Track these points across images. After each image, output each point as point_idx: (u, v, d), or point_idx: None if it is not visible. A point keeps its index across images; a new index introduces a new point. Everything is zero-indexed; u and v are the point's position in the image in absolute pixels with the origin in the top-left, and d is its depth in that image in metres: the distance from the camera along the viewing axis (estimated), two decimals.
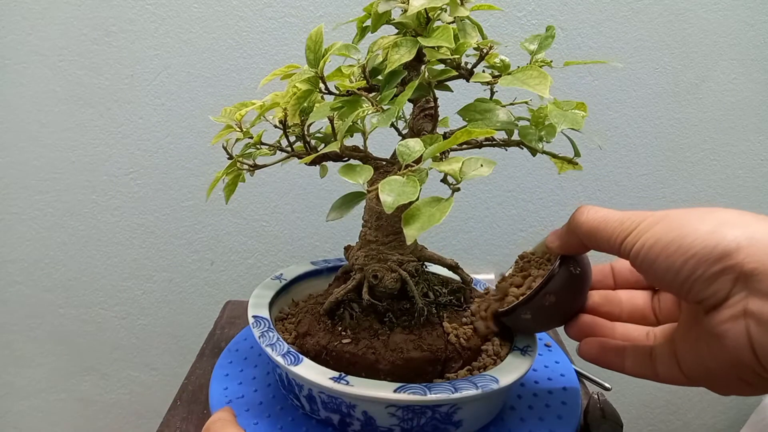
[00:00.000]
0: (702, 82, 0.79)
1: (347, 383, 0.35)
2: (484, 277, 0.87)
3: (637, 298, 0.40)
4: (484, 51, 0.35)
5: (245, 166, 0.41)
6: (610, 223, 0.33)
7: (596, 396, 0.47)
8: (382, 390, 0.35)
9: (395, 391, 0.35)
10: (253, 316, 0.43)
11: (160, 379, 0.94)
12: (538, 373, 0.49)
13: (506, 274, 0.42)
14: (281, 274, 0.50)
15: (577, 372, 0.50)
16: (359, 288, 0.42)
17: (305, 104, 0.37)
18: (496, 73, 0.37)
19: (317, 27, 0.34)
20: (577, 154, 0.36)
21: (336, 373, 0.37)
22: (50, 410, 0.96)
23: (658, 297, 0.39)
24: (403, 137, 0.40)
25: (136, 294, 0.88)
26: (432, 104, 0.40)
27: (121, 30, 0.74)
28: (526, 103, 0.42)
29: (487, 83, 0.36)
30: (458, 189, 0.31)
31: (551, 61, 0.35)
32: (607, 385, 0.50)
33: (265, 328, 0.41)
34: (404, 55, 0.33)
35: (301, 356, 0.38)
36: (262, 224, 0.85)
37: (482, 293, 0.44)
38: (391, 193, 0.30)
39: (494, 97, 0.40)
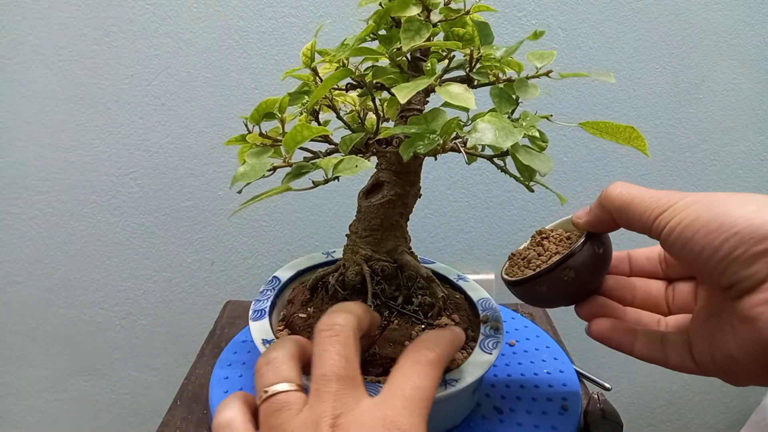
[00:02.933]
0: (702, 82, 0.79)
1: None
2: (484, 277, 0.87)
3: (651, 286, 0.40)
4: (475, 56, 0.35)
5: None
6: (645, 198, 0.33)
7: (596, 396, 0.47)
8: None
9: None
10: (274, 276, 0.46)
11: (160, 379, 0.94)
12: (537, 373, 0.49)
13: (521, 248, 0.42)
14: (334, 251, 0.52)
15: (577, 372, 0.50)
16: (337, 272, 0.44)
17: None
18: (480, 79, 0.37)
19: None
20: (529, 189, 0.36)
21: (272, 337, 0.39)
22: (50, 410, 0.96)
23: (673, 287, 0.39)
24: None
25: (136, 294, 0.88)
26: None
27: (121, 30, 0.74)
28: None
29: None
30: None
31: (550, 72, 0.35)
32: (607, 385, 0.50)
33: (270, 287, 0.44)
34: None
35: (264, 313, 0.41)
36: (262, 224, 0.85)
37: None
38: None
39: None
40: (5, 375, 0.94)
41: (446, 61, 0.38)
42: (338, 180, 0.33)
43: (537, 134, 0.33)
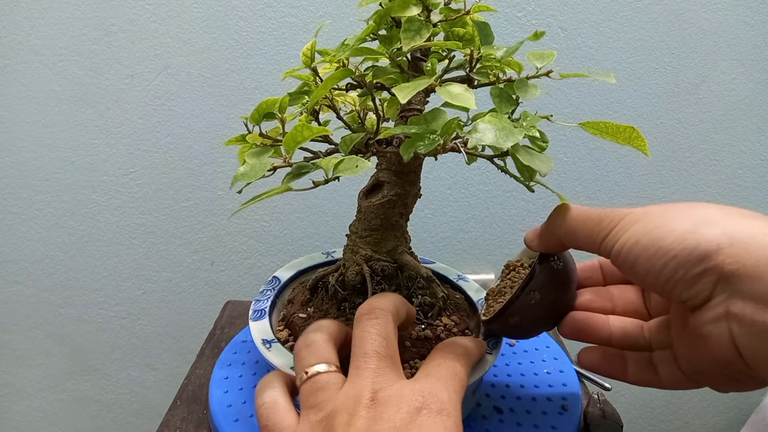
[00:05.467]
0: (702, 82, 0.79)
1: (269, 348, 0.38)
2: (484, 277, 0.87)
3: (629, 292, 0.39)
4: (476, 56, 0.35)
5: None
6: (588, 222, 0.32)
7: (596, 396, 0.47)
8: (286, 361, 0.37)
9: (291, 368, 0.37)
10: (274, 276, 0.47)
11: (160, 379, 0.94)
12: (537, 373, 0.49)
13: (493, 286, 0.42)
14: (334, 251, 0.52)
15: (577, 372, 0.50)
16: (337, 272, 0.45)
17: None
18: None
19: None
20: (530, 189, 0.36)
21: (272, 337, 0.39)
22: (50, 410, 0.96)
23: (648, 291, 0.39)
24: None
25: (136, 294, 0.88)
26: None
27: (121, 30, 0.74)
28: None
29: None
30: None
31: (550, 72, 0.35)
32: (607, 385, 0.50)
33: (270, 287, 0.45)
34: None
35: (264, 313, 0.41)
36: (262, 224, 0.85)
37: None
38: None
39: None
40: (5, 375, 0.94)
41: (447, 61, 0.38)
42: (338, 180, 0.33)
43: (537, 134, 0.33)
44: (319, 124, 0.41)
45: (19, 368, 0.93)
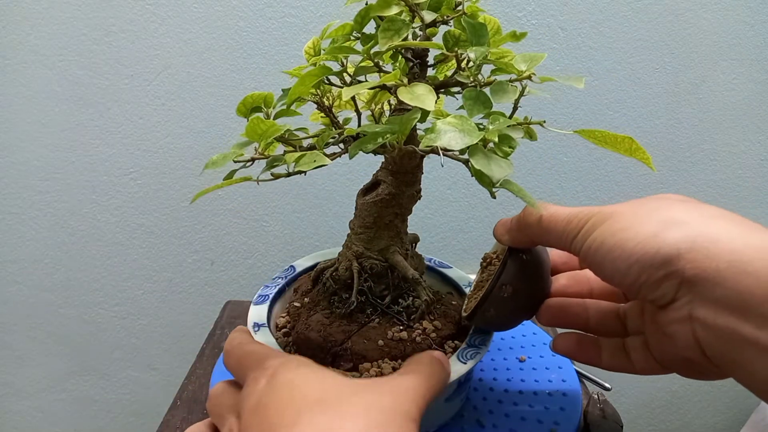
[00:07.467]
0: (702, 82, 0.79)
1: (256, 331, 0.40)
2: None
3: None
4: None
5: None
6: (558, 223, 0.33)
7: (596, 396, 0.47)
8: (266, 340, 0.39)
9: None
10: (291, 265, 0.49)
11: (160, 379, 0.94)
12: (538, 373, 0.49)
13: (474, 281, 0.42)
14: None
15: (577, 372, 0.50)
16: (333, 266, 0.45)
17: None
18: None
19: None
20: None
21: (264, 321, 0.41)
22: (50, 410, 0.96)
23: None
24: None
25: (136, 294, 0.88)
26: None
27: (121, 30, 0.74)
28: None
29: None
30: None
31: (533, 74, 0.34)
32: (607, 385, 0.50)
33: (284, 275, 0.47)
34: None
35: (267, 299, 0.44)
36: (262, 224, 0.85)
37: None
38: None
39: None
40: (5, 375, 0.94)
41: (454, 62, 0.37)
42: (305, 174, 0.34)
43: (496, 139, 0.31)
44: (334, 120, 0.41)
45: (19, 368, 0.93)
